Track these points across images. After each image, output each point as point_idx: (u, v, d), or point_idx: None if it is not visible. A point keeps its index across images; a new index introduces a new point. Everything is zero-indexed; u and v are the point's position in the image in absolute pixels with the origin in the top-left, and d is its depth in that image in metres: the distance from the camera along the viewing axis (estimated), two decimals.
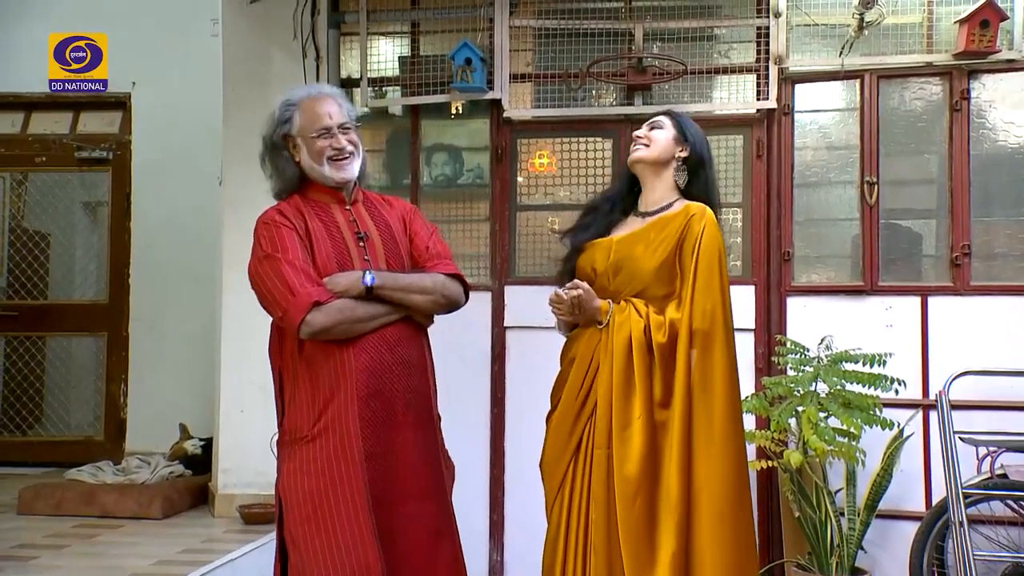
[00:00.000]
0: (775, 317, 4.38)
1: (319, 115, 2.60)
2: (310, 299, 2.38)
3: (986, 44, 4.09)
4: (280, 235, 2.49)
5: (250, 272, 2.53)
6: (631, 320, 2.61)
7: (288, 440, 2.52)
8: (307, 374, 2.49)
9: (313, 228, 2.54)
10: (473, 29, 4.68)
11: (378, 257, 2.59)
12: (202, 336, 5.59)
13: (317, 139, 2.59)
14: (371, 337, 2.49)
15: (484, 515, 4.57)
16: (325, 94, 2.66)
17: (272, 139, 2.65)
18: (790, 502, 3.98)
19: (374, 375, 2.48)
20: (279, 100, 2.69)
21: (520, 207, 4.71)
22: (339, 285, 2.46)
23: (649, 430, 2.54)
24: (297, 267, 2.44)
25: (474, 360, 4.60)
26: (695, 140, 2.80)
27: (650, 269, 2.64)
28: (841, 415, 3.76)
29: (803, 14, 4.40)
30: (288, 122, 2.62)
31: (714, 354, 2.56)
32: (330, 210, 2.62)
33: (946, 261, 4.26)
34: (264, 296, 2.48)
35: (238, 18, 4.86)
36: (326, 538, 2.38)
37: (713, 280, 2.59)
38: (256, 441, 4.59)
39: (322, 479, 2.41)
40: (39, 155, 6.31)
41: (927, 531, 3.85)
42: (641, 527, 2.49)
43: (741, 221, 4.49)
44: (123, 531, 4.47)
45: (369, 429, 2.45)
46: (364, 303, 2.48)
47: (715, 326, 2.57)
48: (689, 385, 2.55)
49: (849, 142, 4.41)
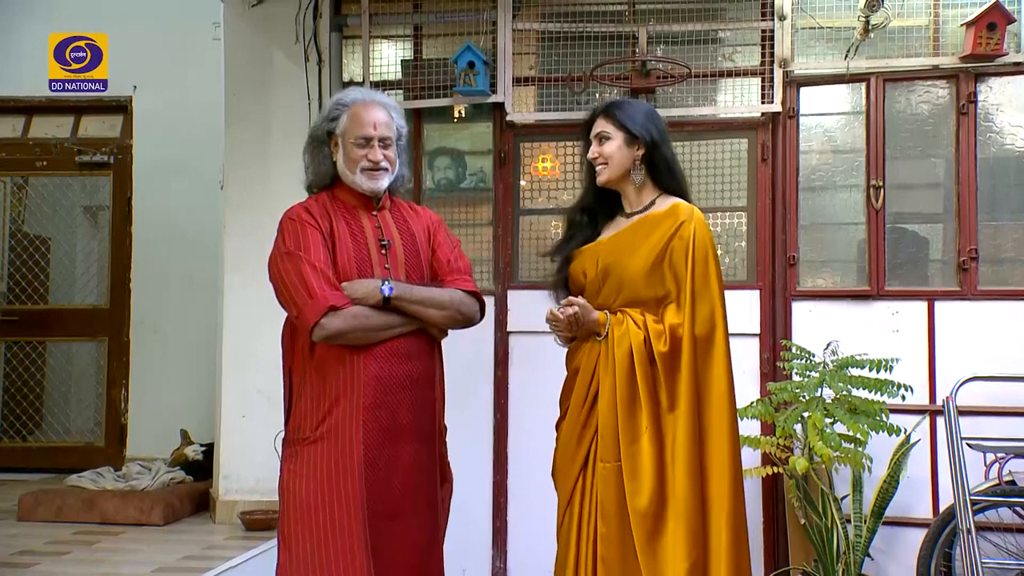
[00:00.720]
0: (780, 322, 4.36)
1: (364, 123, 2.60)
2: (327, 303, 2.40)
3: (993, 47, 4.07)
4: (305, 233, 2.50)
5: (270, 265, 2.55)
6: (630, 332, 2.59)
7: (291, 440, 2.54)
8: (315, 376, 2.51)
9: (338, 230, 2.55)
10: (476, 32, 4.67)
11: (399, 265, 2.61)
12: (203, 341, 5.57)
13: (355, 146, 2.60)
14: (383, 347, 2.51)
15: (487, 521, 4.54)
16: (377, 102, 2.67)
17: (317, 133, 2.68)
18: (796, 509, 3.96)
19: (382, 386, 2.49)
20: (336, 96, 2.71)
21: (523, 211, 4.70)
22: (357, 292, 2.47)
23: (657, 443, 2.53)
24: (318, 269, 2.45)
25: (477, 366, 4.58)
26: (643, 131, 2.69)
27: (637, 270, 2.61)
28: (847, 421, 3.74)
29: (808, 17, 4.39)
30: (335, 121, 2.64)
31: (715, 360, 2.56)
32: (357, 213, 2.64)
33: (953, 265, 4.24)
34: (281, 292, 2.50)
35: (240, 21, 4.85)
36: (317, 543, 2.40)
37: (709, 283, 2.58)
38: (258, 447, 4.61)
39: (320, 484, 2.42)
40: (40, 159, 6.30)
41: (934, 538, 3.82)
42: (654, 542, 2.49)
43: (746, 225, 4.46)
44: (124, 538, 4.46)
45: (371, 439, 2.46)
46: (380, 312, 2.49)
47: (715, 330, 2.57)
48: (696, 393, 2.54)
49: (855, 146, 4.39)
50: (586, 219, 2.85)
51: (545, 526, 2.73)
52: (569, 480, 2.65)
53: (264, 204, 4.70)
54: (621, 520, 2.52)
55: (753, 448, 3.98)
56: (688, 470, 2.49)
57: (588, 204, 2.86)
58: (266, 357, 4.62)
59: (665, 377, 2.56)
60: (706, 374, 2.55)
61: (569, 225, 2.91)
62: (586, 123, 2.82)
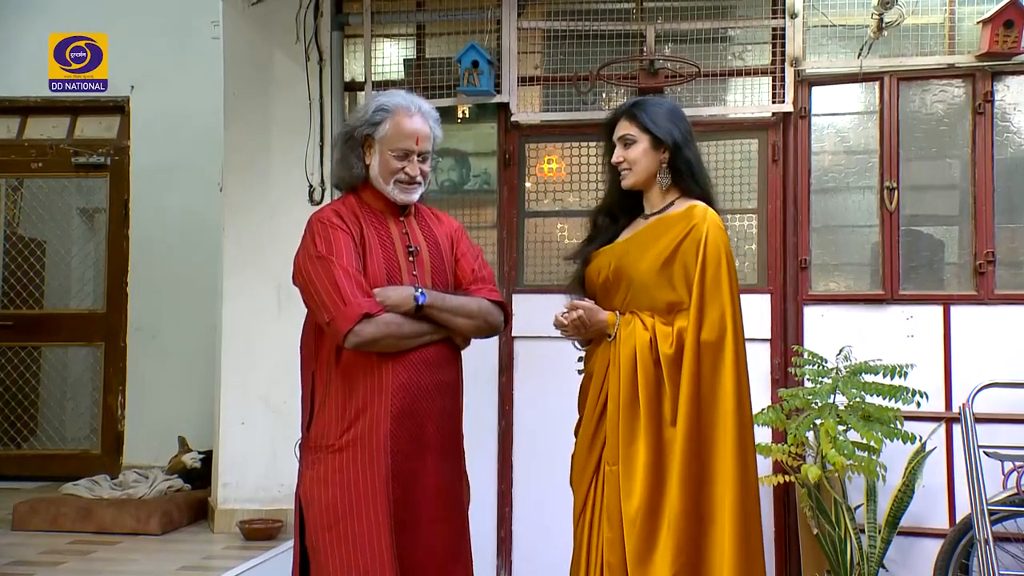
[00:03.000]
0: (792, 327, 4.32)
1: (407, 135, 2.57)
2: (361, 310, 2.39)
3: (1010, 45, 4.03)
4: (336, 237, 2.48)
5: (298, 268, 2.53)
6: (636, 333, 2.56)
7: (313, 446, 2.53)
8: (341, 383, 2.50)
9: (368, 237, 2.55)
10: (480, 31, 4.65)
11: (425, 273, 2.62)
12: (202, 346, 5.56)
13: (395, 158, 2.58)
14: (411, 356, 2.51)
15: (492, 531, 4.50)
16: (423, 112, 2.63)
17: (355, 134, 2.62)
18: (808, 518, 3.92)
19: (410, 395, 2.49)
20: (377, 98, 2.64)
21: (528, 213, 4.67)
22: (390, 299, 2.47)
23: (654, 448, 2.49)
24: (351, 274, 2.44)
25: (481, 371, 4.53)
26: (667, 135, 2.64)
27: (645, 271, 2.58)
28: (861, 428, 3.70)
29: (820, 14, 4.35)
30: (376, 125, 2.59)
31: (724, 367, 2.50)
32: (384, 219, 2.63)
33: (969, 269, 4.19)
34: (312, 297, 2.48)
35: (239, 20, 4.84)
36: (347, 553, 2.40)
37: (720, 286, 2.52)
38: (258, 454, 4.61)
39: (346, 492, 2.43)
40: (35, 160, 6.28)
41: (951, 549, 3.79)
42: (642, 548, 2.46)
43: (756, 227, 4.43)
44: (120, 547, 4.45)
45: (398, 448, 2.46)
46: (411, 320, 2.49)
47: (724, 336, 2.51)
48: (698, 400, 2.48)
49: (868, 146, 4.34)
50: (607, 221, 2.84)
51: (551, 536, 2.71)
52: (583, 486, 2.65)
53: (264, 206, 4.71)
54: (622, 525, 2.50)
55: (764, 456, 3.94)
56: (682, 479, 2.45)
57: (610, 206, 2.85)
58: (266, 363, 4.62)
59: (669, 381, 2.51)
60: (714, 382, 2.50)
61: (592, 227, 2.89)
62: (607, 123, 2.77)
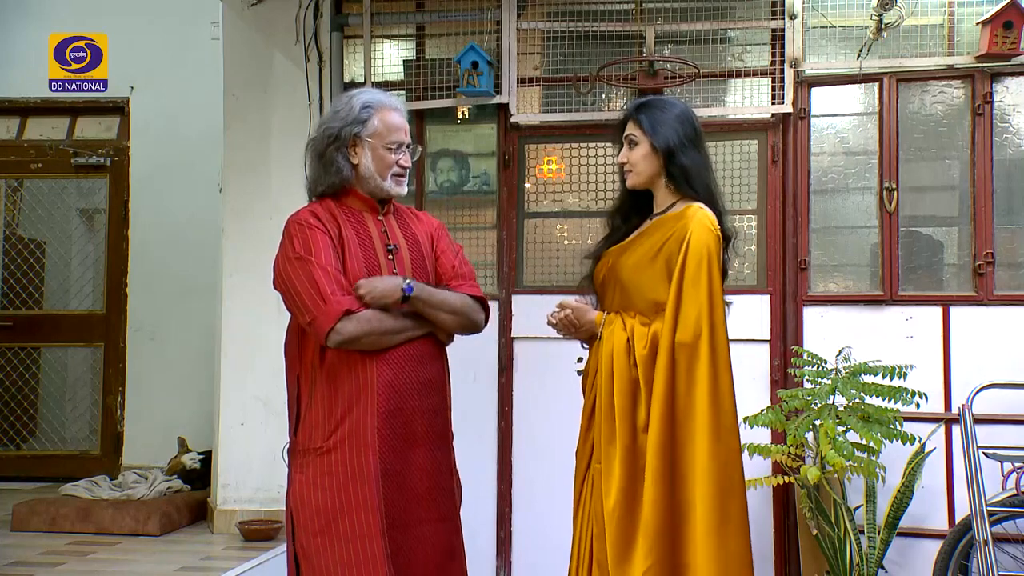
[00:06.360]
0: (791, 328, 4.31)
1: (397, 128, 2.59)
2: (341, 307, 2.37)
3: (1010, 46, 4.02)
4: (314, 238, 2.46)
5: (277, 270, 2.51)
6: (615, 333, 2.57)
7: (301, 450, 2.50)
8: (326, 384, 2.48)
9: (346, 235, 2.53)
10: (480, 32, 4.64)
11: (406, 270, 2.60)
12: (201, 347, 5.57)
13: (390, 151, 2.58)
14: (395, 353, 2.49)
15: (491, 531, 4.49)
16: (398, 107, 2.65)
17: (340, 134, 2.56)
18: (807, 519, 3.91)
19: (396, 392, 2.47)
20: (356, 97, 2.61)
21: (528, 214, 4.66)
22: (376, 289, 2.45)
23: (629, 447, 2.49)
24: (329, 273, 2.42)
25: (481, 372, 4.53)
26: (664, 139, 2.63)
27: (630, 268, 2.60)
28: (860, 429, 3.69)
29: (819, 15, 4.34)
30: (364, 123, 2.57)
31: (698, 368, 2.46)
32: (363, 218, 2.61)
33: (969, 270, 4.18)
34: (291, 298, 2.46)
35: (239, 21, 4.84)
36: (338, 555, 2.38)
37: (699, 285, 2.48)
38: (257, 455, 4.62)
39: (336, 494, 2.40)
40: (35, 161, 6.28)
41: (950, 550, 3.78)
42: (621, 545, 2.46)
43: (756, 228, 4.42)
44: (119, 548, 4.45)
45: (387, 447, 2.44)
46: (393, 316, 2.47)
47: (700, 338, 2.46)
48: (671, 402, 2.46)
49: (867, 147, 4.34)
50: (620, 220, 2.84)
51: (550, 537, 2.70)
52: (578, 484, 2.68)
53: (264, 207, 4.70)
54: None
55: (763, 457, 3.95)
56: (654, 480, 2.44)
57: (621, 206, 2.85)
58: (266, 364, 4.62)
59: (644, 382, 2.50)
60: (689, 386, 2.46)
61: (608, 226, 2.91)
62: (620, 123, 2.79)
